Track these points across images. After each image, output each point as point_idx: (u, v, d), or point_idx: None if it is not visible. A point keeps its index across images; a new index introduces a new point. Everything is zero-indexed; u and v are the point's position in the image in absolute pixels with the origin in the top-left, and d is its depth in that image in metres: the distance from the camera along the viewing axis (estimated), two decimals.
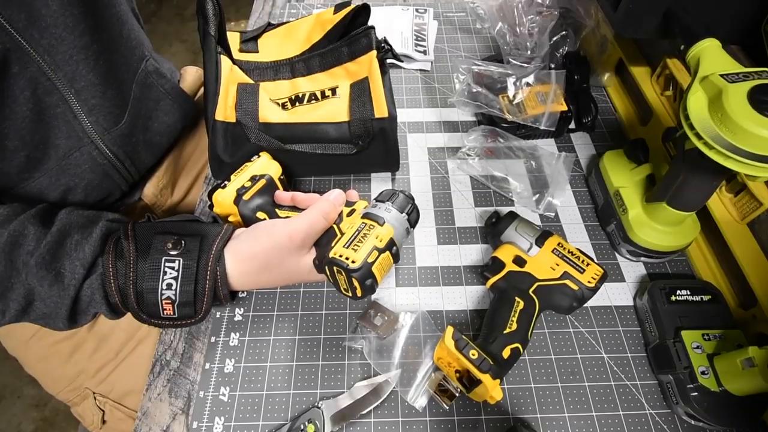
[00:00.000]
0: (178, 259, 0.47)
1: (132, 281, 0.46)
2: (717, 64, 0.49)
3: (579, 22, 0.85)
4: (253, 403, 0.54)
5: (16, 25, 0.49)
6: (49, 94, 0.54)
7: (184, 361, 0.58)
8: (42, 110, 0.54)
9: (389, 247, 0.51)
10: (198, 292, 0.47)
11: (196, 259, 0.47)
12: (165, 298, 0.46)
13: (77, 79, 0.56)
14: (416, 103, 0.85)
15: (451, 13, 1.02)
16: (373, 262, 0.49)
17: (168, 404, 0.55)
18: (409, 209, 0.55)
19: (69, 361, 0.68)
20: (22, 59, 0.50)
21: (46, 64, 0.52)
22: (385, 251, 0.50)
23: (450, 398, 0.53)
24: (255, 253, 0.50)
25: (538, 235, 0.60)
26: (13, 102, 0.51)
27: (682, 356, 0.52)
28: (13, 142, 0.53)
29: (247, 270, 0.50)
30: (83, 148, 0.59)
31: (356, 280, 0.48)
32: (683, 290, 0.57)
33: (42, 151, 0.56)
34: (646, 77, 0.76)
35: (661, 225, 0.60)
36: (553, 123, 0.74)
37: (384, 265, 0.51)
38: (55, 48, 0.53)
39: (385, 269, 0.51)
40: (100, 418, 0.68)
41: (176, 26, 2.54)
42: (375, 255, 0.50)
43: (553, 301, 0.57)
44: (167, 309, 0.47)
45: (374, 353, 0.57)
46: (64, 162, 0.58)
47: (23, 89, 0.52)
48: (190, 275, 0.47)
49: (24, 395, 1.46)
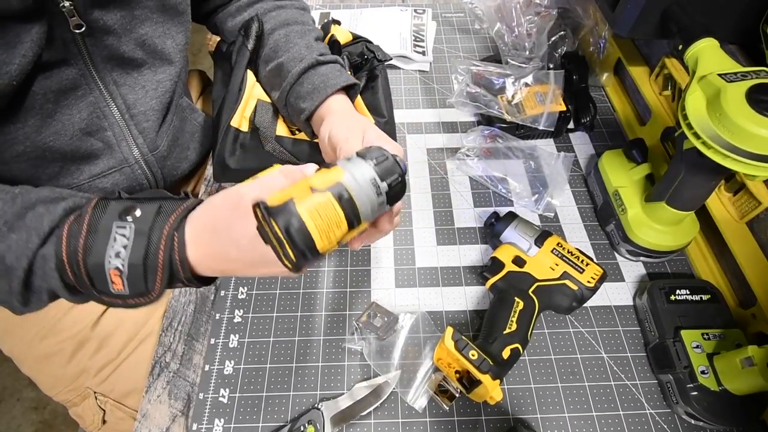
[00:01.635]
0: (130, 224, 0.40)
1: (83, 239, 0.41)
2: (715, 63, 0.49)
3: (577, 22, 0.85)
4: (253, 405, 0.54)
5: (95, 59, 0.55)
6: (103, 118, 0.59)
7: (183, 362, 0.58)
8: (92, 132, 0.58)
9: (336, 192, 0.37)
10: (149, 265, 0.40)
11: (149, 225, 0.40)
12: (113, 269, 0.40)
13: (138, 105, 0.61)
14: (415, 103, 0.85)
15: (449, 14, 1.02)
16: (300, 203, 0.36)
17: (168, 406, 0.55)
18: (380, 159, 0.41)
19: (71, 360, 0.67)
20: (89, 86, 0.56)
21: (109, 94, 0.58)
22: (325, 192, 0.37)
23: (450, 399, 0.53)
24: (205, 213, 0.43)
25: (537, 235, 0.60)
26: (68, 120, 0.55)
27: (682, 356, 0.52)
28: (55, 155, 0.56)
29: (200, 237, 0.42)
30: (125, 168, 0.63)
31: (275, 224, 0.35)
32: (683, 290, 0.57)
33: (77, 165, 0.59)
34: (644, 77, 0.76)
35: (660, 224, 0.60)
36: (552, 123, 0.74)
37: (324, 213, 0.36)
38: (125, 81, 0.59)
39: (325, 218, 0.36)
40: (100, 418, 0.68)
41: None
42: (307, 194, 0.37)
43: (552, 301, 0.57)
44: (117, 283, 0.40)
45: (374, 354, 0.56)
46: (97, 180, 0.61)
47: (81, 110, 0.56)
48: (141, 243, 0.40)
49: (23, 398, 1.46)
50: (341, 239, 0.38)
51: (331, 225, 0.37)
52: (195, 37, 0.68)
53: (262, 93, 0.69)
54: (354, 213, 0.38)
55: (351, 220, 0.38)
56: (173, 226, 0.41)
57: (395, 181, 0.41)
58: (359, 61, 0.71)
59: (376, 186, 0.40)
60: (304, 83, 0.61)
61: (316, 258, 0.37)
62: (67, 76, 0.53)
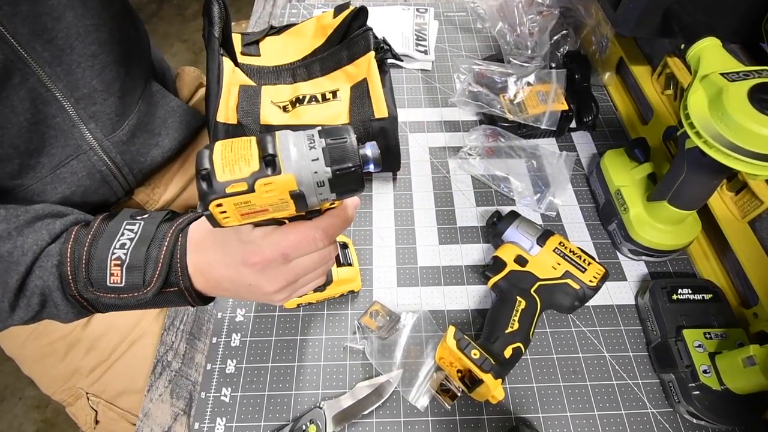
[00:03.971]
0: (140, 222, 0.44)
1: (88, 244, 0.43)
2: (717, 62, 0.49)
3: (579, 21, 0.85)
4: (255, 404, 0.54)
5: (19, 38, 0.50)
6: (47, 103, 0.55)
7: (185, 362, 0.58)
8: (39, 120, 0.55)
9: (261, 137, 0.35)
10: (151, 256, 0.42)
11: (157, 224, 0.43)
12: (115, 258, 0.42)
13: (80, 86, 0.57)
14: (417, 102, 0.85)
15: (451, 13, 1.02)
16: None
17: (169, 405, 0.55)
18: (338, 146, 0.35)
19: (63, 360, 0.68)
20: (23, 70, 0.51)
21: (46, 75, 0.53)
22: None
23: (452, 398, 0.53)
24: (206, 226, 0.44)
25: (539, 235, 0.60)
26: (10, 112, 0.52)
27: (684, 355, 0.52)
28: (7, 150, 0.53)
29: (201, 243, 0.44)
30: (81, 156, 0.60)
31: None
32: (685, 289, 0.57)
33: (35, 159, 0.56)
34: (646, 76, 0.76)
35: (662, 224, 0.60)
36: (554, 122, 0.74)
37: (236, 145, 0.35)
38: (58, 58, 0.54)
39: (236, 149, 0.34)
40: (93, 418, 0.68)
41: (177, 26, 2.54)
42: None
43: (554, 300, 0.57)
44: (115, 274, 0.42)
45: (376, 353, 0.57)
46: (59, 170, 0.58)
47: (22, 99, 0.52)
48: (146, 236, 0.42)
49: (25, 396, 1.47)
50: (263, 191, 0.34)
51: (238, 159, 0.34)
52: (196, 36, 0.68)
53: (243, 78, 0.66)
54: (272, 160, 0.34)
55: (266, 165, 0.34)
56: (179, 227, 0.44)
57: (344, 170, 0.35)
58: (374, 48, 0.70)
59: (316, 160, 0.35)
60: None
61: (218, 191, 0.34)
62: None
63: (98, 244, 0.43)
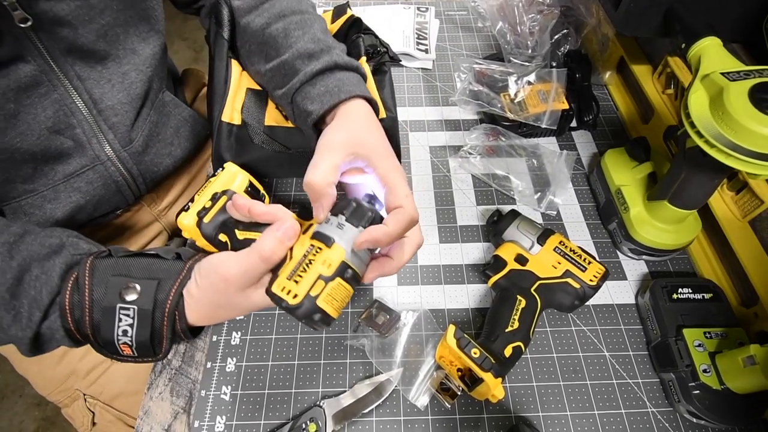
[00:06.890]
0: (133, 307, 0.45)
1: (88, 316, 0.45)
2: (718, 62, 0.49)
3: (580, 20, 0.85)
4: (255, 402, 0.54)
5: (53, 53, 0.52)
6: (69, 114, 0.56)
7: (185, 360, 0.58)
8: (59, 129, 0.56)
9: (341, 272, 0.43)
10: (155, 336, 0.45)
11: (152, 306, 0.45)
12: (122, 344, 0.45)
13: (105, 99, 0.58)
14: (418, 101, 0.85)
15: (452, 12, 1.02)
16: (317, 295, 0.42)
17: (170, 403, 0.55)
18: (367, 220, 0.45)
19: (60, 362, 0.68)
20: (52, 82, 0.53)
21: (73, 88, 0.55)
22: (334, 278, 0.43)
23: (452, 397, 0.53)
24: (203, 295, 0.47)
25: (539, 234, 0.60)
26: (33, 119, 0.53)
27: (684, 354, 0.52)
28: (24, 155, 0.54)
29: (200, 310, 0.47)
30: (98, 166, 0.61)
31: (299, 318, 0.42)
32: (685, 288, 0.57)
33: (50, 166, 0.57)
34: (647, 75, 0.76)
35: (662, 223, 0.60)
36: (555, 121, 0.74)
37: (337, 295, 0.43)
38: (89, 74, 0.56)
39: (339, 298, 0.44)
40: (90, 419, 0.68)
41: (178, 24, 2.53)
42: (321, 286, 0.42)
43: (554, 299, 0.57)
44: (125, 350, 0.45)
45: (376, 352, 0.57)
46: (73, 179, 0.59)
47: (45, 108, 0.54)
48: (145, 321, 0.45)
49: (26, 394, 1.47)
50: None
51: (343, 299, 0.44)
52: (196, 34, 0.68)
53: (250, 81, 0.67)
54: (357, 280, 0.45)
55: (355, 286, 0.45)
56: (173, 305, 0.45)
57: (369, 220, 0.46)
58: (370, 52, 0.70)
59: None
60: (316, 84, 0.55)
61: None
62: (25, 73, 0.51)
63: (101, 330, 0.45)
